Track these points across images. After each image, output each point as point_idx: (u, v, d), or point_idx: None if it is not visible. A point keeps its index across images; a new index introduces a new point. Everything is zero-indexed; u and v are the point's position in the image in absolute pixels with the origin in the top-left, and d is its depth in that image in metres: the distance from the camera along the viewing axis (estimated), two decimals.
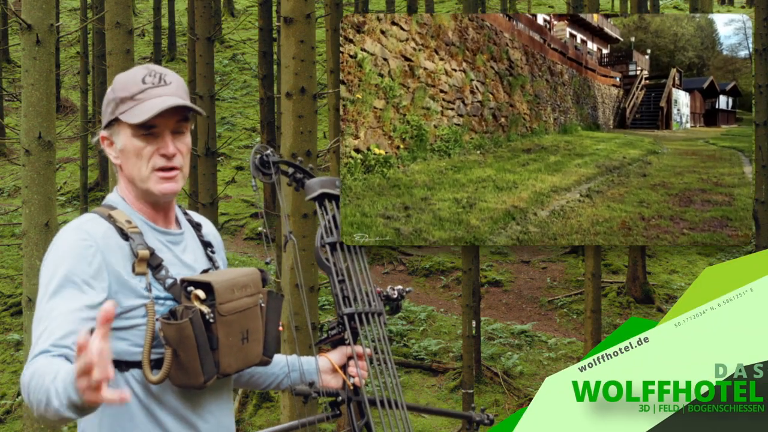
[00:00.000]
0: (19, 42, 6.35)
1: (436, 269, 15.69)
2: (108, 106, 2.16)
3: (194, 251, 2.25)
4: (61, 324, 1.91)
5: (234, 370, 2.09)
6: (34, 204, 5.53)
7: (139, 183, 2.13)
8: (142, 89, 2.10)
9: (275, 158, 2.54)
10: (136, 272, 2.04)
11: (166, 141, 2.11)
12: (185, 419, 2.09)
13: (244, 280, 2.14)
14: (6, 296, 14.54)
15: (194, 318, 1.98)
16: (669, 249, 15.95)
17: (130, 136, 2.11)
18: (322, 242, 2.48)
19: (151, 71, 2.15)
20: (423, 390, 12.09)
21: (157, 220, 2.19)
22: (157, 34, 23.27)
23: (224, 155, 19.42)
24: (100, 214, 2.13)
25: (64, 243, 2.04)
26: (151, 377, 1.99)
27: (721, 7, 29.05)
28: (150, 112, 2.06)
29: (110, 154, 2.18)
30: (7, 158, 19.80)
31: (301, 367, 2.45)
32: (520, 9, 27.36)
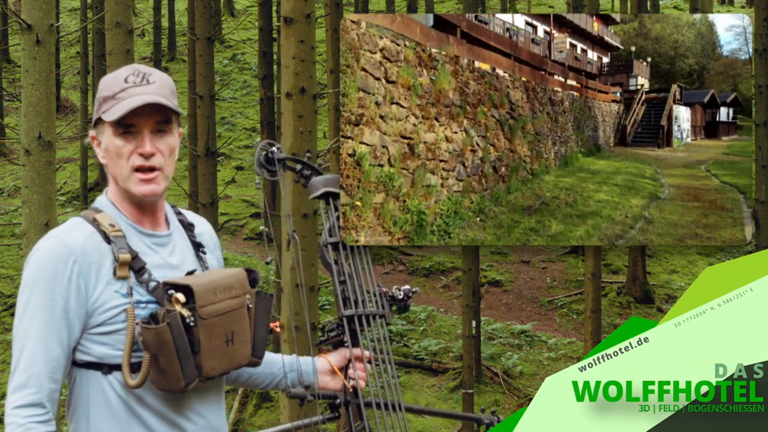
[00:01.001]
0: (19, 42, 6.35)
1: (436, 269, 15.69)
2: (95, 106, 2.18)
3: (182, 252, 2.24)
4: (29, 365, 2.00)
5: (218, 372, 2.09)
6: (34, 204, 5.53)
7: (121, 182, 2.14)
8: (123, 88, 2.11)
9: (281, 155, 2.52)
10: (118, 276, 2.05)
11: (144, 140, 2.11)
12: (170, 420, 2.09)
13: (228, 281, 2.13)
14: (6, 296, 14.54)
15: (173, 322, 1.98)
16: (669, 249, 15.95)
17: (111, 135, 2.12)
18: (325, 242, 2.47)
19: (136, 71, 2.15)
20: (423, 390, 12.09)
21: (143, 221, 2.18)
22: (157, 34, 23.28)
23: (224, 155, 19.42)
24: (85, 217, 2.13)
25: (42, 259, 2.05)
26: (130, 381, 2.00)
27: (721, 7, 29.04)
28: (124, 109, 2.07)
29: (98, 154, 2.19)
30: (7, 158, 19.81)
31: (300, 368, 2.44)
32: (520, 9, 27.35)
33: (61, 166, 19.69)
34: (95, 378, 2.06)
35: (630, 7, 16.04)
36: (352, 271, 2.40)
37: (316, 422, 2.33)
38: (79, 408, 2.09)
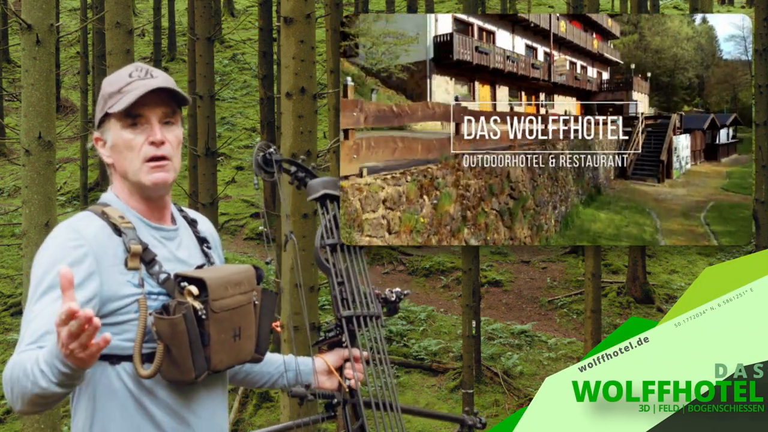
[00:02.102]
0: (19, 42, 6.35)
1: (436, 269, 15.68)
2: (98, 105, 2.19)
3: (189, 247, 2.25)
4: (42, 324, 1.94)
5: (225, 366, 2.10)
6: (34, 204, 5.53)
7: (132, 176, 2.15)
8: (128, 82, 2.14)
9: (278, 156, 2.54)
10: (129, 267, 2.05)
11: (154, 129, 2.13)
12: (176, 413, 2.10)
13: (238, 277, 2.15)
14: (6, 296, 14.54)
15: (187, 314, 1.99)
16: (669, 249, 15.96)
17: (119, 129, 2.13)
18: (322, 243, 2.48)
19: (138, 67, 2.19)
20: (423, 390, 12.09)
21: (151, 216, 2.19)
22: (157, 34, 23.28)
23: (224, 155, 19.42)
24: (93, 211, 2.14)
25: (55, 244, 2.05)
26: (142, 371, 2.00)
27: (721, 7, 29.04)
28: (133, 97, 2.08)
29: (103, 155, 2.20)
30: (7, 158, 19.81)
31: (298, 368, 2.45)
32: (520, 9, 27.36)
33: (61, 166, 19.69)
34: (102, 368, 2.05)
35: (630, 7, 16.04)
36: (349, 273, 2.41)
37: (315, 420, 2.34)
38: (83, 398, 2.09)
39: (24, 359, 1.88)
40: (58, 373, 1.79)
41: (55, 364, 1.78)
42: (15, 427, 11.13)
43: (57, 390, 1.83)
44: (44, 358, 1.82)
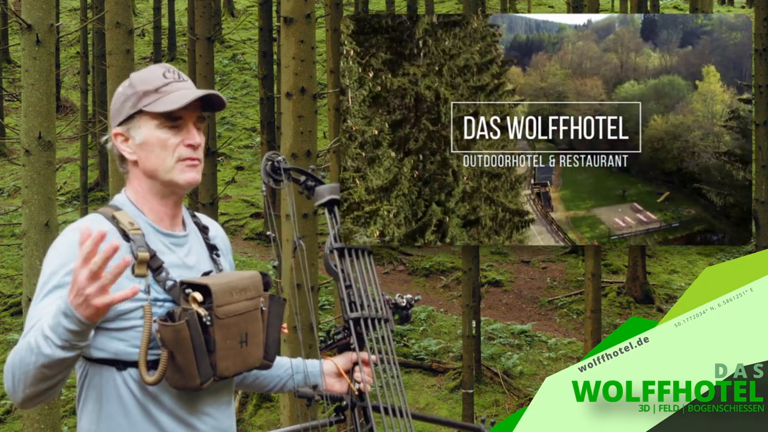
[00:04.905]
0: (19, 42, 6.35)
1: (436, 269, 15.69)
2: (127, 101, 2.18)
3: (198, 254, 2.25)
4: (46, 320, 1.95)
5: (232, 373, 2.09)
6: (34, 204, 5.53)
7: (163, 174, 2.16)
8: (165, 83, 2.16)
9: (286, 165, 2.58)
10: (136, 274, 2.05)
11: (191, 132, 2.17)
12: (182, 420, 2.10)
13: (245, 283, 2.14)
14: (6, 296, 14.54)
15: (191, 320, 1.99)
16: (669, 249, 15.96)
17: (154, 128, 2.14)
18: (330, 248, 2.49)
19: (168, 68, 2.21)
20: (423, 390, 12.10)
21: (163, 221, 2.20)
22: (157, 34, 23.28)
23: (224, 155, 19.43)
24: (104, 214, 2.14)
25: (64, 245, 2.06)
26: (147, 378, 2.00)
27: (721, 7, 29.05)
28: (182, 100, 2.12)
29: (124, 150, 2.19)
30: (7, 158, 19.80)
31: (306, 370, 2.45)
32: (520, 9, 27.36)
33: (61, 166, 19.69)
34: (109, 374, 2.06)
35: (630, 7, 16.04)
36: (357, 276, 2.41)
37: (324, 423, 2.34)
38: (89, 403, 2.09)
39: (28, 338, 1.90)
40: (64, 331, 1.81)
41: (61, 322, 1.81)
42: (15, 427, 11.13)
43: (62, 354, 1.84)
44: (48, 324, 1.84)
